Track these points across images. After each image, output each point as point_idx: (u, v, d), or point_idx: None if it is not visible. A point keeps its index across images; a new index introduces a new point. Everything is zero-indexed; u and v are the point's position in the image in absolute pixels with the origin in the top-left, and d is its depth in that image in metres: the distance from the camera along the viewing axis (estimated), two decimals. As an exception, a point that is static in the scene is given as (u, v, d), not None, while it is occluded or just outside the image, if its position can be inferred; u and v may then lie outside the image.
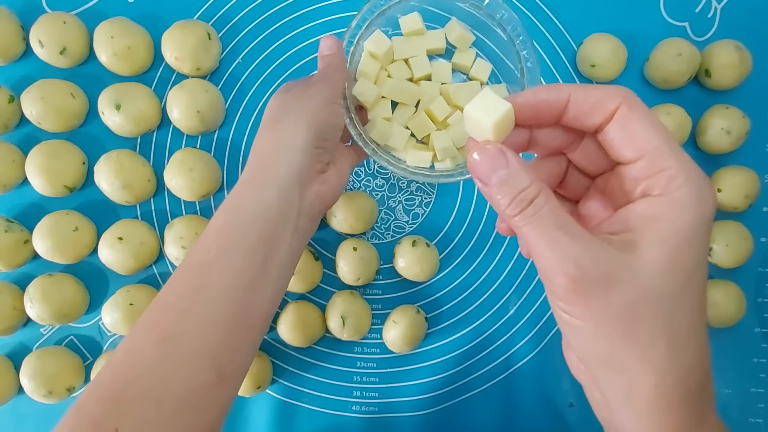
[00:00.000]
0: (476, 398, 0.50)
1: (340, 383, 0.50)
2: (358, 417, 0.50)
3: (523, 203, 0.24)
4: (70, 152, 0.48)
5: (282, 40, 0.50)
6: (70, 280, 0.48)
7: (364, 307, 0.48)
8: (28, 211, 0.50)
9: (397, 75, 0.47)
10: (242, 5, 0.50)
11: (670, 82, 0.48)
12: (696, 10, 0.50)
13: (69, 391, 0.47)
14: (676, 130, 0.47)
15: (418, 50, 0.47)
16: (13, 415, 0.49)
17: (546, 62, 0.50)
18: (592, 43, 0.48)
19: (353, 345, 0.50)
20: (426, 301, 0.50)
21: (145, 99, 0.47)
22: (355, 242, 0.48)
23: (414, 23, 0.47)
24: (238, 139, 0.50)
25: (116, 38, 0.46)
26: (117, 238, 0.46)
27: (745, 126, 0.47)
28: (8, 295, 0.47)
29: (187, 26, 0.47)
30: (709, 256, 0.48)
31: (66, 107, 0.47)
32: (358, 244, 0.48)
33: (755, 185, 0.47)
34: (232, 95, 0.50)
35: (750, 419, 0.49)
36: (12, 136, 0.50)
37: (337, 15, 0.50)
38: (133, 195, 0.47)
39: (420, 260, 0.47)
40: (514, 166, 0.24)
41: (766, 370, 0.49)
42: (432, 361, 0.50)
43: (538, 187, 0.24)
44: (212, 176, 0.48)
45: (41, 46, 0.47)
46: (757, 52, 0.48)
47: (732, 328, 0.48)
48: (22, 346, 0.50)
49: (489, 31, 0.48)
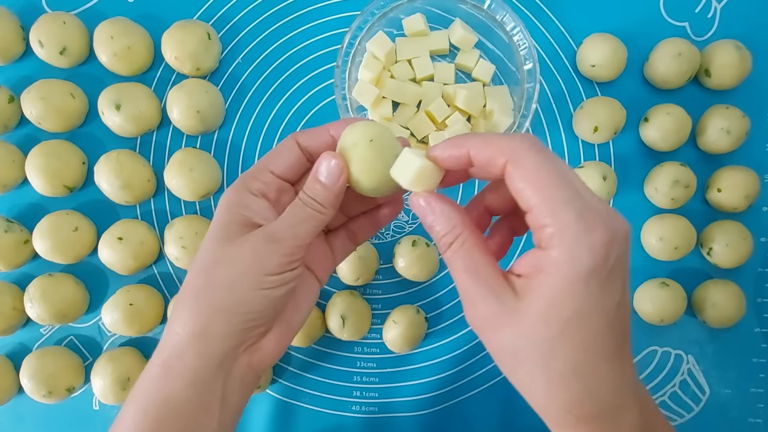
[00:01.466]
0: (476, 398, 0.50)
1: (340, 383, 0.50)
2: (358, 417, 0.50)
3: (443, 246, 0.29)
4: (70, 152, 0.48)
5: (282, 40, 0.50)
6: (70, 280, 0.48)
7: (364, 307, 0.48)
8: (28, 211, 0.50)
9: (400, 75, 0.47)
10: (242, 5, 0.50)
11: (670, 82, 0.48)
12: (696, 10, 0.50)
13: (69, 391, 0.47)
14: (676, 130, 0.47)
15: (421, 51, 0.47)
16: (13, 415, 0.49)
17: (546, 62, 0.50)
18: (592, 43, 0.48)
19: (353, 345, 0.50)
20: (426, 301, 0.50)
21: (145, 99, 0.47)
22: (355, 242, 0.48)
23: (417, 24, 0.47)
24: (238, 139, 0.50)
25: (116, 38, 0.46)
26: (117, 238, 0.46)
27: (745, 126, 0.47)
28: (8, 295, 0.47)
29: (187, 26, 0.47)
30: (709, 256, 0.48)
31: (66, 107, 0.47)
32: (358, 244, 0.48)
33: (755, 185, 0.47)
34: (232, 95, 0.50)
35: (750, 419, 0.49)
36: (12, 136, 0.50)
37: (338, 15, 0.50)
38: (133, 195, 0.47)
39: (420, 260, 0.47)
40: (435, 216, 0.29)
41: (766, 370, 0.49)
42: (432, 361, 0.50)
43: (455, 234, 0.29)
44: (212, 176, 0.48)
45: (41, 46, 0.47)
46: (757, 52, 0.48)
47: (732, 328, 0.48)
48: (22, 346, 0.50)
49: (490, 32, 0.48)
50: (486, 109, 0.47)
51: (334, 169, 0.31)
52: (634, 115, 0.49)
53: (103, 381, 0.46)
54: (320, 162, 0.31)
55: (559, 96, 0.50)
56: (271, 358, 0.33)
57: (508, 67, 0.48)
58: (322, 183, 0.31)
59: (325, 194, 0.31)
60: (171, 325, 0.31)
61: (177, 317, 0.31)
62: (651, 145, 0.49)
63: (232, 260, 0.31)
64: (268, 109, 0.50)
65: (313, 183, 0.31)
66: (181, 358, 0.31)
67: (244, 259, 0.30)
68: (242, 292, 0.30)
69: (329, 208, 0.31)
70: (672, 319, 0.47)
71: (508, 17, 0.46)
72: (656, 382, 0.49)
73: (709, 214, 0.50)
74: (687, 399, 0.49)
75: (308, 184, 0.31)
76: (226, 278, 0.30)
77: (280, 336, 0.33)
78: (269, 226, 0.31)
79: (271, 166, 0.33)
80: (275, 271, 0.30)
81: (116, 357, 0.47)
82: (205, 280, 0.31)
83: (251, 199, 0.32)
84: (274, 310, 0.32)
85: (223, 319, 0.30)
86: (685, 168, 0.47)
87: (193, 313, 0.31)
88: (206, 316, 0.30)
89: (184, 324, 0.31)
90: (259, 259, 0.30)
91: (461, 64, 0.48)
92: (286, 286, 0.31)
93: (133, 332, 0.47)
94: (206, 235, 0.32)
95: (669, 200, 0.47)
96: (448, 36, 0.48)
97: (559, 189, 0.26)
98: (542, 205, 0.26)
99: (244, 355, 0.32)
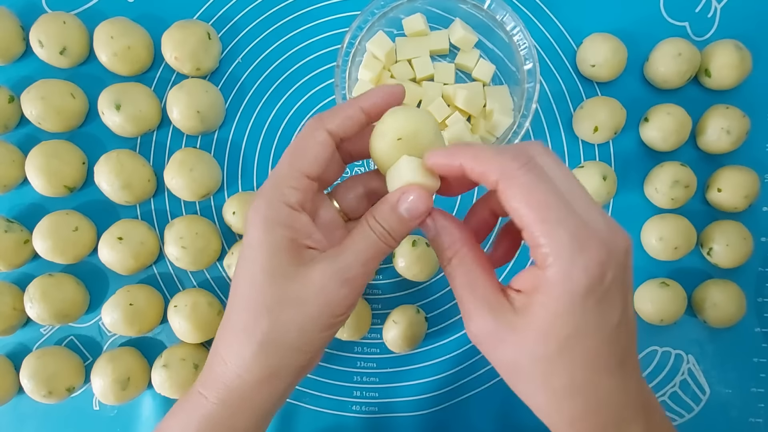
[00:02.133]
0: (476, 398, 0.49)
1: (340, 383, 0.50)
2: (358, 417, 0.50)
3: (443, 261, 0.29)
4: (70, 152, 0.48)
5: (282, 40, 0.50)
6: (70, 280, 0.48)
7: (364, 307, 0.48)
8: (28, 211, 0.50)
9: (400, 75, 0.47)
10: (242, 5, 0.50)
11: (670, 82, 0.48)
12: (696, 10, 0.50)
13: (69, 391, 0.47)
14: (676, 130, 0.47)
15: (421, 51, 0.47)
16: (13, 415, 0.49)
17: (546, 62, 0.50)
18: (592, 43, 0.48)
19: (353, 345, 0.50)
20: (426, 301, 0.50)
21: (145, 99, 0.47)
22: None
23: (417, 24, 0.47)
24: (238, 139, 0.50)
25: (116, 38, 0.46)
26: (117, 238, 0.46)
27: (745, 126, 0.47)
28: (8, 295, 0.47)
29: (187, 26, 0.47)
30: (709, 256, 0.48)
31: (66, 107, 0.47)
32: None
33: (755, 185, 0.47)
34: (232, 95, 0.50)
35: (750, 419, 0.49)
36: (12, 136, 0.50)
37: (338, 15, 0.50)
38: (133, 195, 0.47)
39: (420, 260, 0.47)
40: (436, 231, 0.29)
41: (766, 370, 0.49)
42: (432, 361, 0.50)
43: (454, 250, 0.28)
44: (212, 176, 0.48)
45: (41, 46, 0.47)
46: (757, 52, 0.48)
47: (732, 328, 0.48)
48: (22, 346, 0.50)
49: (490, 32, 0.48)
50: (486, 109, 0.47)
51: (420, 206, 0.28)
52: (634, 115, 0.49)
53: (103, 381, 0.46)
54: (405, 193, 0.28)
55: (559, 96, 0.50)
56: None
57: (508, 67, 0.48)
58: (401, 217, 0.28)
59: (400, 228, 0.28)
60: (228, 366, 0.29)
61: (233, 359, 0.29)
62: (651, 145, 0.49)
63: (300, 304, 0.28)
64: (268, 109, 0.50)
65: (390, 213, 0.28)
66: (246, 399, 0.30)
67: (312, 303, 0.28)
68: (312, 334, 0.29)
69: (398, 244, 0.29)
70: (672, 319, 0.47)
71: (508, 17, 0.46)
72: (656, 382, 0.49)
73: (709, 214, 0.50)
74: (687, 399, 0.49)
75: (383, 213, 0.28)
76: (294, 322, 0.28)
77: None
78: (337, 262, 0.28)
79: (305, 167, 0.29)
80: (344, 312, 0.29)
81: (116, 357, 0.47)
82: (271, 325, 0.28)
83: (293, 217, 0.29)
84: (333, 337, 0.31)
85: (291, 361, 0.29)
86: (685, 168, 0.47)
87: (259, 360, 0.29)
88: (274, 362, 0.29)
89: (249, 369, 0.29)
90: (330, 303, 0.28)
91: (461, 64, 0.48)
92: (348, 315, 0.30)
93: (133, 332, 0.47)
94: (249, 262, 0.29)
95: (669, 200, 0.47)
96: (448, 36, 0.48)
97: (551, 209, 0.25)
98: (535, 225, 0.25)
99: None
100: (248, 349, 0.29)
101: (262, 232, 0.28)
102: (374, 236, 0.28)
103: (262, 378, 0.29)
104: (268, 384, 0.29)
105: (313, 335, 0.29)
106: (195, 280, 0.50)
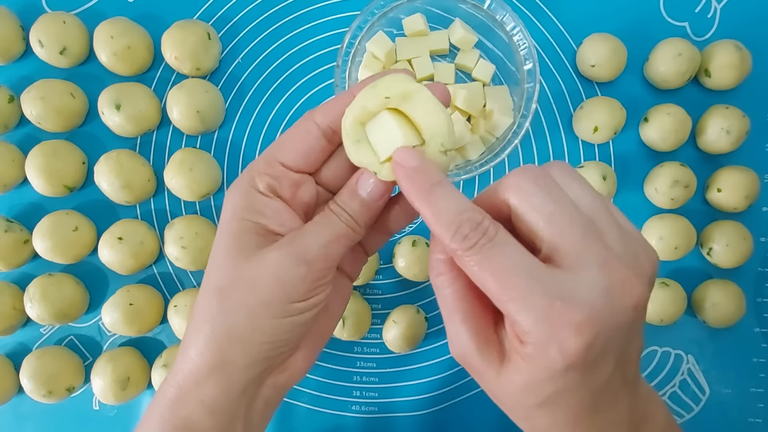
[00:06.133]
0: (476, 398, 0.50)
1: (340, 383, 0.50)
2: (357, 417, 0.50)
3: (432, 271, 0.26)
4: (70, 152, 0.48)
5: (282, 40, 0.50)
6: (70, 280, 0.48)
7: (364, 307, 0.48)
8: (28, 211, 0.50)
9: (398, 75, 0.47)
10: (242, 5, 0.50)
11: (670, 82, 0.48)
12: (696, 10, 0.50)
13: (69, 391, 0.47)
14: (676, 130, 0.47)
15: (421, 51, 0.47)
16: (13, 415, 0.49)
17: (546, 62, 0.50)
18: (592, 43, 0.48)
19: (353, 345, 0.50)
20: (426, 301, 0.50)
21: (145, 99, 0.47)
22: (355, 242, 0.48)
23: (417, 24, 0.47)
24: (238, 139, 0.50)
25: (116, 38, 0.46)
26: (117, 238, 0.46)
27: (745, 126, 0.47)
28: (8, 295, 0.47)
29: (187, 26, 0.47)
30: (709, 256, 0.48)
31: (66, 107, 0.47)
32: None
33: (755, 185, 0.47)
34: (232, 95, 0.50)
35: (750, 419, 0.49)
36: (12, 136, 0.50)
37: (338, 15, 0.50)
38: (133, 195, 0.47)
39: (420, 260, 0.47)
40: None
41: (766, 370, 0.49)
42: (432, 361, 0.50)
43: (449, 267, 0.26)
44: (212, 176, 0.48)
45: (41, 46, 0.47)
46: (757, 52, 0.48)
47: (732, 328, 0.48)
48: (22, 346, 0.50)
49: (490, 32, 0.48)
50: (486, 109, 0.47)
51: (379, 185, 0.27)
52: (634, 115, 0.49)
53: (103, 381, 0.46)
54: (362, 174, 0.27)
55: (559, 96, 0.50)
56: (299, 375, 0.30)
57: (508, 67, 0.48)
58: (362, 199, 0.27)
59: (362, 212, 0.27)
60: (185, 350, 0.28)
61: (191, 344, 0.28)
62: (651, 145, 0.49)
63: (251, 284, 0.27)
64: (268, 109, 0.50)
65: (350, 197, 0.27)
66: (199, 384, 0.28)
67: (265, 285, 0.26)
68: (264, 320, 0.27)
69: (363, 228, 0.28)
70: (672, 319, 0.47)
71: (508, 17, 0.46)
72: (656, 382, 0.49)
73: (709, 214, 0.50)
74: (687, 399, 0.49)
75: (344, 198, 0.28)
76: (243, 305, 0.27)
77: (309, 352, 0.31)
78: (294, 243, 0.27)
79: (281, 156, 0.28)
80: (302, 298, 0.27)
81: (116, 357, 0.47)
82: (220, 307, 0.27)
83: (262, 202, 0.28)
84: (301, 334, 0.28)
85: (243, 350, 0.27)
86: (685, 168, 0.47)
87: (209, 343, 0.27)
88: (224, 347, 0.27)
89: (200, 353, 0.27)
90: (284, 286, 0.26)
91: (461, 64, 0.48)
92: (314, 309, 0.28)
93: (133, 332, 0.47)
94: (214, 246, 0.28)
95: (669, 200, 0.47)
96: (448, 36, 0.48)
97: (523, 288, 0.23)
98: (508, 303, 0.23)
99: (269, 378, 0.29)
100: (201, 333, 0.28)
101: (229, 217, 0.28)
102: (335, 218, 0.27)
103: (214, 364, 0.27)
104: (219, 372, 0.27)
105: (264, 322, 0.27)
106: (195, 280, 0.50)
